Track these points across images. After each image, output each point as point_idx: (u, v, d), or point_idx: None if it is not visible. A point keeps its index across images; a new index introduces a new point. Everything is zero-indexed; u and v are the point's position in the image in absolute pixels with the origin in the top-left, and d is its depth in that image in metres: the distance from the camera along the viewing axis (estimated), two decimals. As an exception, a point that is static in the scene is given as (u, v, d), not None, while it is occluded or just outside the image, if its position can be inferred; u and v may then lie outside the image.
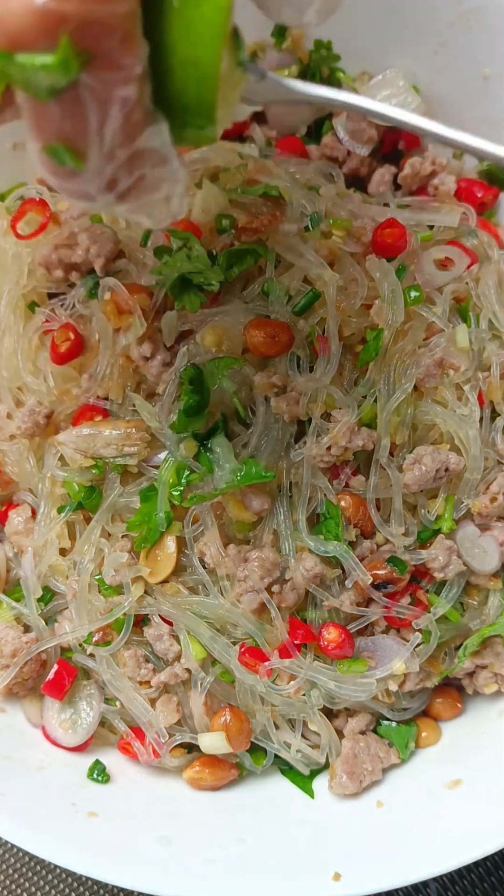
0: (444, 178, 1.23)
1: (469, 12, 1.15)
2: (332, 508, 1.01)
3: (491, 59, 1.17)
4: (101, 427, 1.04)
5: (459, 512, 1.07)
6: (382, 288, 1.04)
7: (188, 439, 1.01)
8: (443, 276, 1.10)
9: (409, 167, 1.22)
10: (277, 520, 1.03)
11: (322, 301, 1.02)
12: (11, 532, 1.11)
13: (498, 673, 1.10)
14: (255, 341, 1.00)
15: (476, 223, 1.17)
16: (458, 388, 1.08)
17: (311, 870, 0.95)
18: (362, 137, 1.22)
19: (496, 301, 1.11)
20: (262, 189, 1.07)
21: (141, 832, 0.99)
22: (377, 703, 1.08)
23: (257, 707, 1.05)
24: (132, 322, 1.03)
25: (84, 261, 1.09)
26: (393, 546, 1.04)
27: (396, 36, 1.21)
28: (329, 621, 1.04)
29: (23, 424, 1.08)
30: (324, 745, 1.07)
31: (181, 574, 1.05)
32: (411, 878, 0.92)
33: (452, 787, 1.03)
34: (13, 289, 1.13)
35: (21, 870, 1.24)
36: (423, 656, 1.06)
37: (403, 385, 1.03)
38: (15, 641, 1.06)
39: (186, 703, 1.06)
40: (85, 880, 1.23)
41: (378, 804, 1.04)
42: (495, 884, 1.23)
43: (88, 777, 1.05)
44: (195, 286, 1.01)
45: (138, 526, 1.03)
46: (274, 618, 1.02)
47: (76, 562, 1.06)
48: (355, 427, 1.01)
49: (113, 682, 1.05)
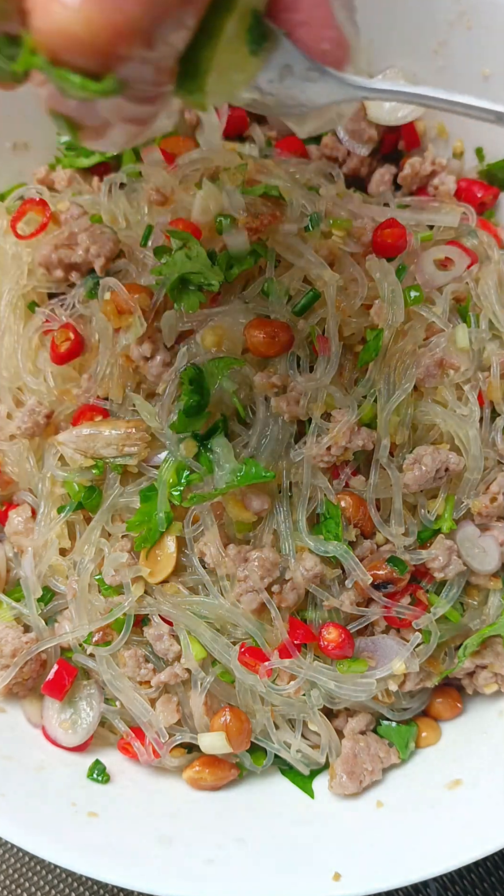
0: (444, 178, 1.23)
1: (468, 12, 1.15)
2: (332, 508, 1.01)
3: (491, 59, 1.17)
4: (101, 427, 1.04)
5: (459, 512, 1.07)
6: (382, 288, 1.04)
7: (188, 439, 1.01)
8: (443, 276, 1.10)
9: (409, 167, 1.22)
10: (277, 520, 1.03)
11: (322, 301, 1.02)
12: (11, 532, 1.11)
13: (498, 673, 1.10)
14: (254, 341, 1.00)
15: (476, 223, 1.17)
16: (458, 388, 1.08)
17: (311, 870, 0.95)
18: (362, 137, 1.22)
19: (496, 301, 1.11)
20: (262, 189, 1.07)
21: (141, 832, 0.99)
22: (377, 703, 1.08)
23: (257, 707, 1.05)
24: (132, 322, 1.03)
25: (84, 261, 1.09)
26: (393, 546, 1.04)
27: (396, 36, 1.21)
28: (329, 621, 1.04)
29: (23, 424, 1.08)
30: (324, 745, 1.07)
31: (181, 574, 1.05)
32: (411, 878, 0.92)
33: (452, 787, 1.03)
34: (13, 289, 1.13)
35: (21, 870, 1.24)
36: (423, 656, 1.06)
37: (403, 385, 1.03)
38: (15, 641, 1.06)
39: (186, 703, 1.06)
40: (85, 880, 1.23)
41: (378, 804, 1.04)
42: (495, 884, 1.23)
43: (88, 777, 1.05)
44: (195, 286, 1.01)
45: (138, 526, 1.03)
46: (274, 618, 1.02)
47: (76, 562, 1.06)
48: (355, 427, 1.01)
49: (113, 682, 1.05)
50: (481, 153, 1.26)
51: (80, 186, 1.25)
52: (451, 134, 1.27)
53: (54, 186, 1.25)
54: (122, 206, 1.14)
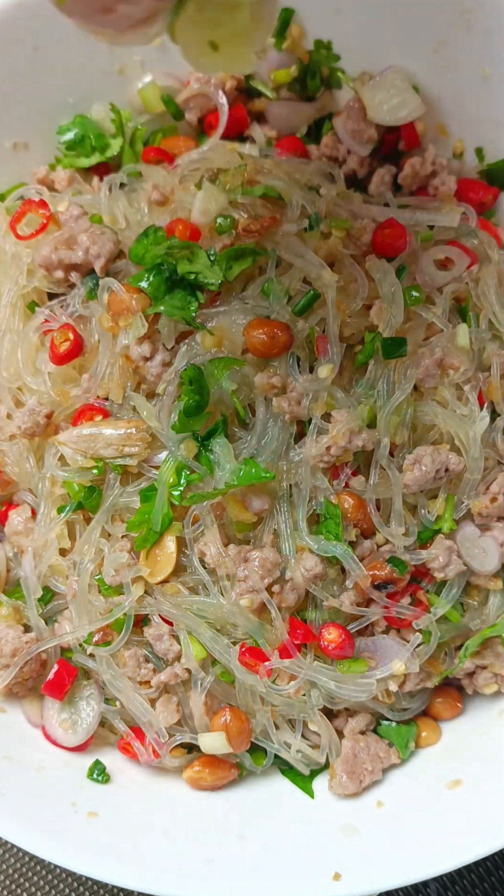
0: (444, 178, 1.22)
1: (468, 12, 1.15)
2: (332, 509, 1.01)
3: (491, 59, 1.17)
4: (101, 427, 1.04)
5: (459, 512, 1.07)
6: (382, 288, 1.04)
7: (188, 439, 1.01)
8: (443, 276, 1.10)
9: (409, 167, 1.22)
10: (277, 520, 1.03)
11: (322, 301, 1.02)
12: (11, 532, 1.11)
13: (498, 673, 1.10)
14: (254, 341, 1.00)
15: (476, 223, 1.17)
16: (458, 388, 1.07)
17: (311, 870, 0.95)
18: (362, 137, 1.22)
19: (496, 301, 1.11)
20: (261, 189, 1.07)
21: (141, 832, 0.99)
22: (377, 704, 1.08)
23: (257, 707, 1.04)
24: (132, 322, 1.03)
25: (84, 261, 1.09)
26: (393, 546, 1.04)
27: (396, 36, 1.21)
28: (329, 621, 1.04)
29: (23, 424, 1.08)
30: (324, 745, 1.07)
31: (181, 574, 1.05)
32: (411, 878, 0.92)
33: (452, 787, 1.03)
34: (13, 289, 1.13)
35: (21, 870, 1.24)
36: (423, 656, 1.06)
37: (403, 385, 1.03)
38: (15, 641, 1.06)
39: (186, 703, 1.06)
40: (85, 880, 1.23)
41: (378, 804, 1.04)
42: (495, 884, 1.23)
43: (88, 777, 1.05)
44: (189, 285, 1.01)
45: (138, 526, 1.03)
46: (274, 618, 1.02)
47: (76, 562, 1.06)
48: (355, 427, 1.01)
49: (113, 682, 1.05)
50: (481, 153, 1.26)
51: (80, 186, 1.25)
52: (451, 134, 1.27)
53: (54, 186, 1.25)
54: (122, 207, 1.14)
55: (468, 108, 1.23)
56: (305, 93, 1.29)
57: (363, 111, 1.21)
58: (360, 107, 1.21)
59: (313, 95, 1.29)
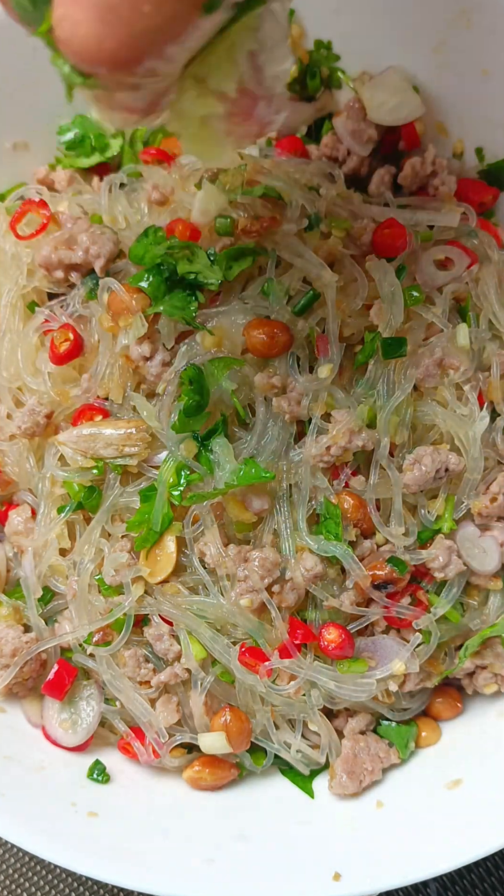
0: (444, 178, 1.22)
1: (468, 11, 1.15)
2: (332, 508, 1.01)
3: (491, 58, 1.17)
4: (101, 427, 1.04)
5: (459, 512, 1.07)
6: (382, 288, 1.04)
7: (188, 439, 1.01)
8: (443, 276, 1.10)
9: (409, 167, 1.22)
10: (277, 520, 1.03)
11: (322, 301, 1.02)
12: (11, 532, 1.11)
13: (498, 673, 1.10)
14: (254, 341, 1.00)
15: (476, 223, 1.17)
16: (458, 388, 1.07)
17: (311, 870, 0.95)
18: (362, 137, 1.22)
19: (496, 301, 1.11)
20: (261, 190, 1.07)
21: (141, 832, 0.99)
22: (377, 704, 1.08)
23: (257, 707, 1.05)
24: (132, 322, 1.03)
25: (84, 261, 1.09)
26: (393, 546, 1.04)
27: (396, 36, 1.21)
28: (329, 621, 1.04)
29: (23, 424, 1.08)
30: (324, 745, 1.07)
31: (181, 574, 1.05)
32: (411, 878, 0.92)
33: (452, 787, 1.03)
34: (13, 289, 1.13)
35: (21, 870, 1.24)
36: (423, 656, 1.06)
37: (403, 385, 1.03)
38: (15, 641, 1.06)
39: (186, 703, 1.06)
40: (85, 880, 1.23)
41: (378, 804, 1.04)
42: (495, 884, 1.23)
43: (88, 777, 1.05)
44: (189, 285, 1.01)
45: (138, 526, 1.03)
46: (274, 618, 1.02)
47: (76, 562, 1.06)
48: (355, 427, 1.01)
49: (113, 682, 1.05)
50: (481, 153, 1.26)
51: (80, 186, 1.25)
52: (451, 134, 1.27)
53: (54, 186, 1.25)
54: (122, 207, 1.14)
55: (468, 108, 1.23)
56: (305, 93, 1.29)
57: (363, 111, 1.21)
58: (360, 107, 1.21)
59: (313, 95, 1.29)
